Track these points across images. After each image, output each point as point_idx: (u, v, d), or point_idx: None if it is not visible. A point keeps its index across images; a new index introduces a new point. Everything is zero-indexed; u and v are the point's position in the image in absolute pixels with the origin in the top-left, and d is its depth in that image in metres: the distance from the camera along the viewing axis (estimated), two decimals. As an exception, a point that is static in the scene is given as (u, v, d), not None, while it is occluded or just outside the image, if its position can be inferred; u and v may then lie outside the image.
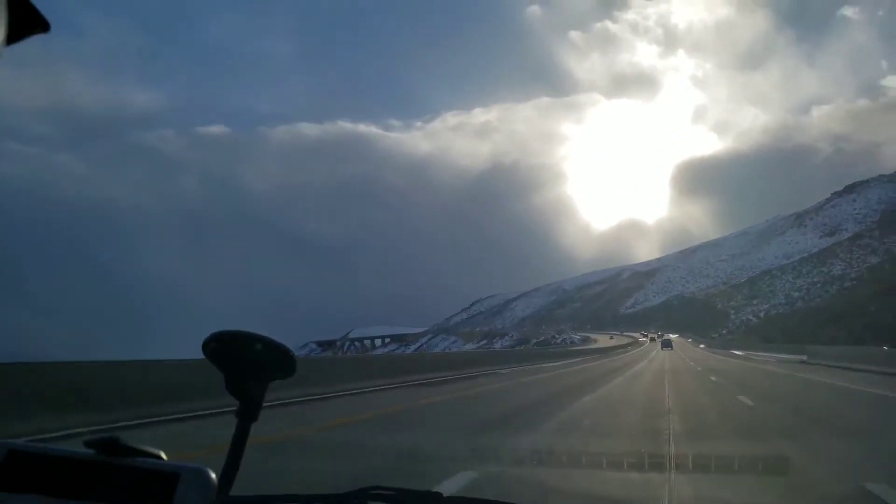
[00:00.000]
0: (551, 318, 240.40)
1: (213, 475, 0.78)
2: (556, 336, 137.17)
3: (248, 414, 1.01)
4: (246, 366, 0.86)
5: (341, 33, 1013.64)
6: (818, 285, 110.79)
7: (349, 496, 1.33)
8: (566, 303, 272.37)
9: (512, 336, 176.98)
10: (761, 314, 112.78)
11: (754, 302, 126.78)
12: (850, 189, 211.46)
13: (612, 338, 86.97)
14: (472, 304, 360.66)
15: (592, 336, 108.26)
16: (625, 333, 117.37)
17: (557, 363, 32.43)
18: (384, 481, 1.36)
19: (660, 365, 30.23)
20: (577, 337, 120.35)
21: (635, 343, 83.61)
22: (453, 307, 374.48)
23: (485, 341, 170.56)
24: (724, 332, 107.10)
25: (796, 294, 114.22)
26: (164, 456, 0.91)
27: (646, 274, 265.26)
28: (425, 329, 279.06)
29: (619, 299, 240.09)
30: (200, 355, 1.03)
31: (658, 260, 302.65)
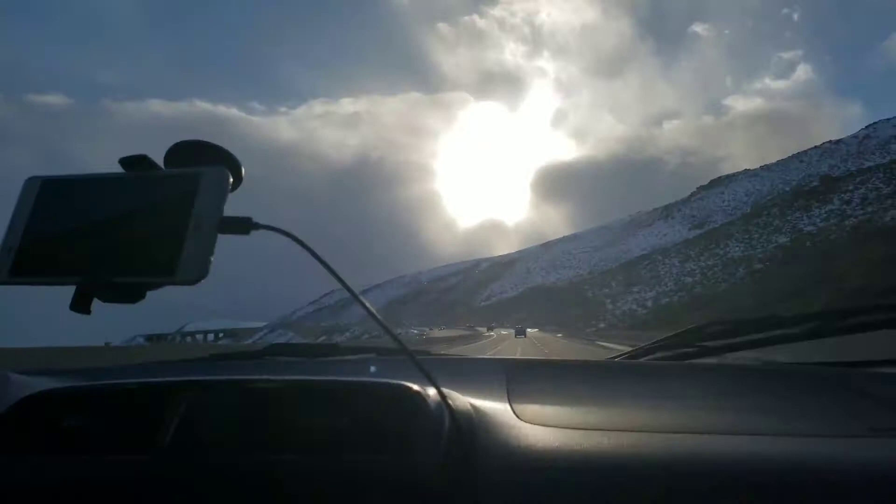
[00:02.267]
0: (404, 311, 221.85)
1: (230, 174, 0.81)
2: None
3: None
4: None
5: None
6: (717, 268, 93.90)
7: (259, 352, 1.54)
8: (420, 295, 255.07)
9: (353, 332, 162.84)
10: (648, 302, 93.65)
11: (634, 289, 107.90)
12: (717, 183, 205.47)
13: (441, 328, 68.90)
14: (321, 297, 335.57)
15: (429, 330, 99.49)
16: (462, 326, 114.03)
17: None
18: None
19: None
20: (414, 331, 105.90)
21: (476, 336, 66.21)
22: (304, 299, 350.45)
23: (324, 337, 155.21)
24: (603, 325, 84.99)
25: (689, 279, 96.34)
26: None
27: (504, 265, 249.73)
28: (265, 323, 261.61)
29: (476, 291, 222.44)
30: None
31: (518, 252, 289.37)
